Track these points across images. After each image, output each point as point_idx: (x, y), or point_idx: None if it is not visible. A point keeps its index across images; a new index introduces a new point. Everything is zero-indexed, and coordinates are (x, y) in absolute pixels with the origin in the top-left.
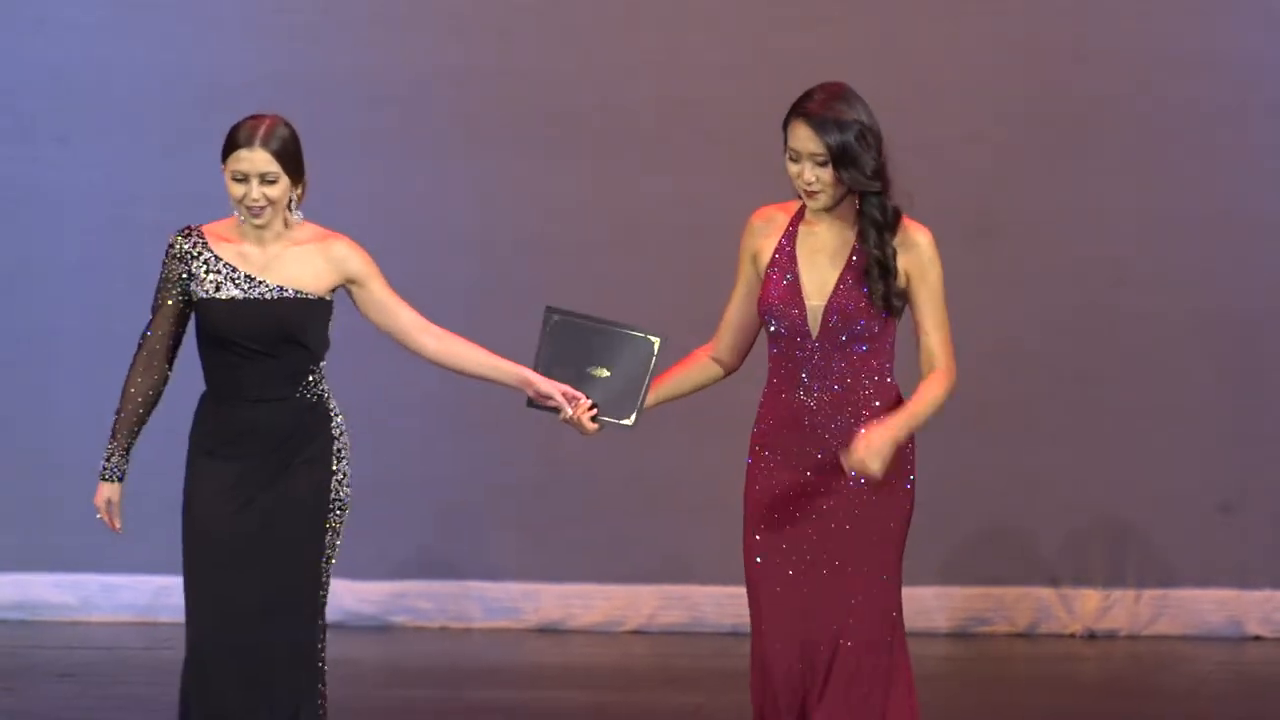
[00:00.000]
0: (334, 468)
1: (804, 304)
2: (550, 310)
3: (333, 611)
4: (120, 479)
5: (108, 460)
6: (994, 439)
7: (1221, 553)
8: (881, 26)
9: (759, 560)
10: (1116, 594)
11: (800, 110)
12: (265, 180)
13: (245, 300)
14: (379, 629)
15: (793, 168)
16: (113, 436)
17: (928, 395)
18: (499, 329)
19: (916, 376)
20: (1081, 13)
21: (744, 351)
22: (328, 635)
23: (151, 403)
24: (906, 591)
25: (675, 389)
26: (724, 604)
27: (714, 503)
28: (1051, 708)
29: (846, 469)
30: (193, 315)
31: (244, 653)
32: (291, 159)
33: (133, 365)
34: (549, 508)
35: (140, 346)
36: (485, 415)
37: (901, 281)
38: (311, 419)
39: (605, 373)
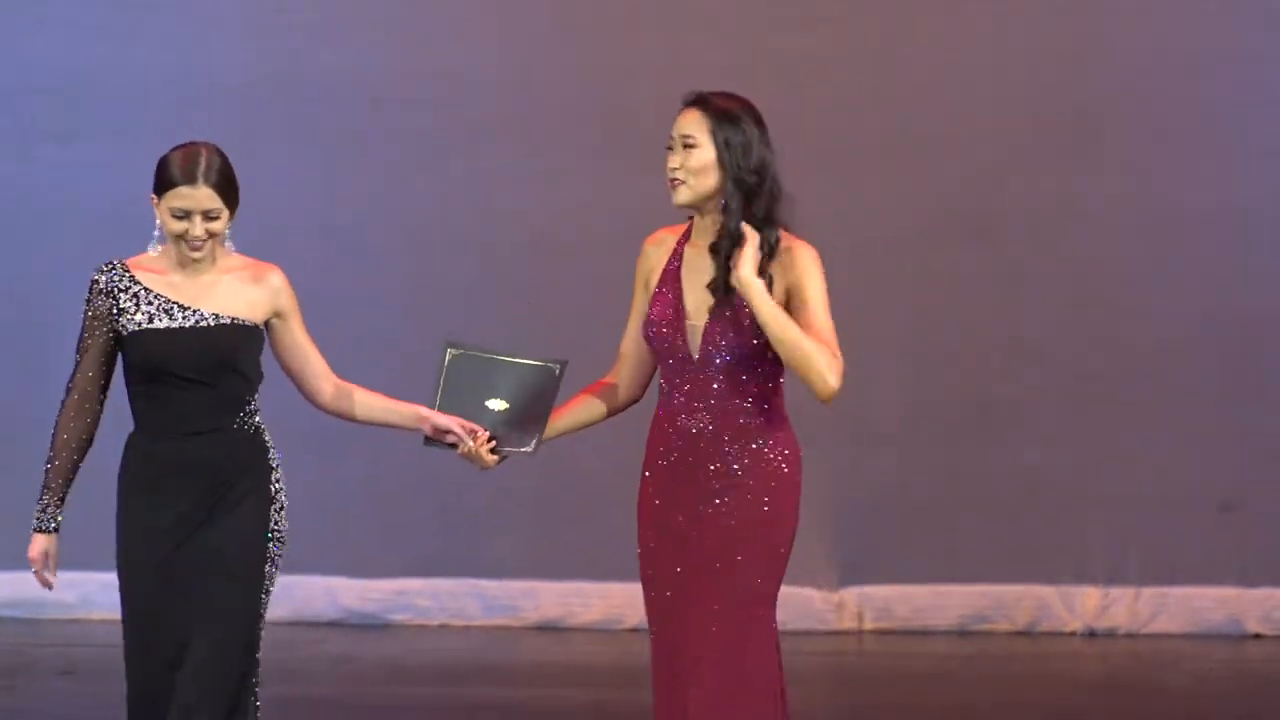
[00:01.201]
0: (273, 499)
1: (684, 324)
2: (448, 344)
3: (334, 609)
4: (58, 530)
5: (44, 511)
6: (993, 437)
7: (1222, 551)
8: (881, 26)
9: (650, 589)
10: (1116, 592)
11: (687, 97)
12: (208, 217)
13: (181, 330)
14: (380, 627)
15: (667, 159)
16: (46, 486)
17: (799, 330)
18: (498, 329)
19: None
20: (1081, 12)
21: (644, 383)
22: (336, 635)
23: (85, 447)
24: (908, 589)
25: (572, 422)
26: None
27: None
28: (1052, 706)
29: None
30: (118, 351)
31: (186, 690)
32: (232, 190)
33: (63, 411)
34: (549, 506)
35: (70, 390)
36: None
37: (780, 299)
38: (249, 451)
39: (504, 405)
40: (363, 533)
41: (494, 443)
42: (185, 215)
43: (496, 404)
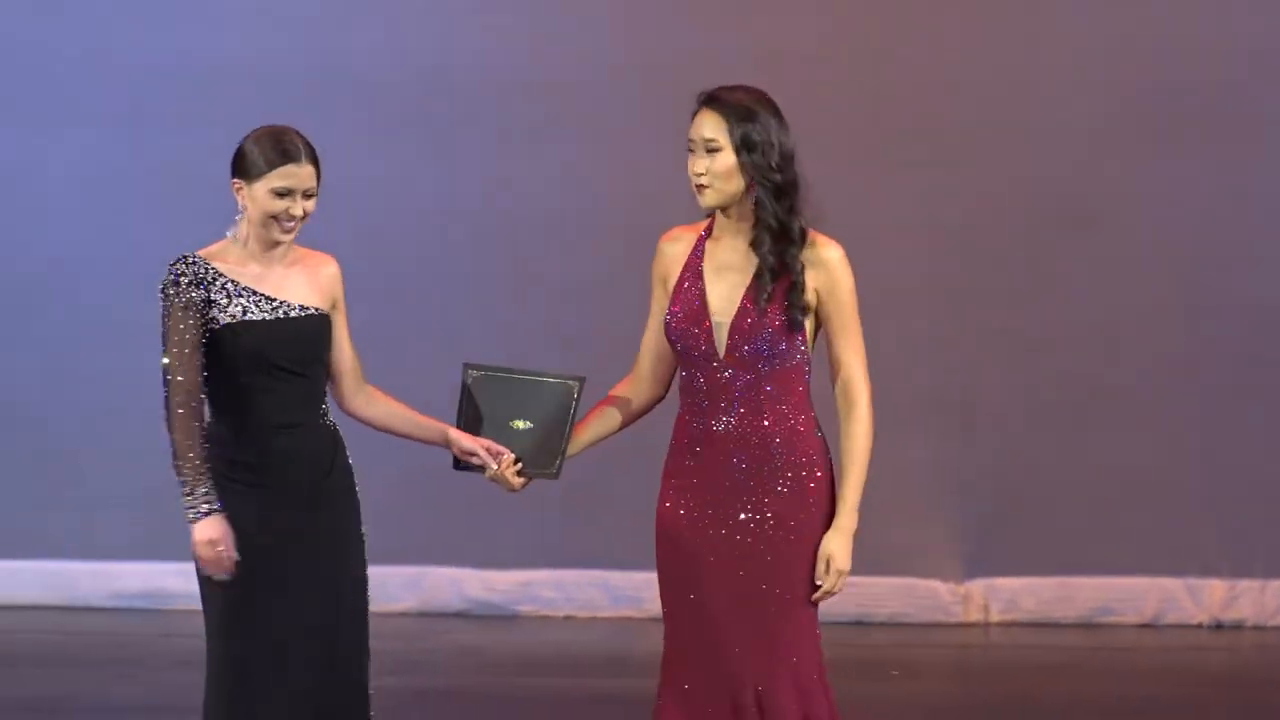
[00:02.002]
0: (357, 495)
1: (710, 321)
2: (468, 366)
3: (460, 600)
4: (222, 508)
5: (208, 493)
6: (1118, 429)
7: None
8: (980, 11)
9: (668, 599)
10: (1243, 584)
11: (701, 97)
12: (306, 195)
13: (276, 321)
14: (505, 618)
15: (689, 162)
16: (198, 473)
17: (858, 450)
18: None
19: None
20: (1183, 2)
21: (667, 380)
22: (462, 626)
23: (205, 439)
24: (1034, 581)
25: (599, 430)
26: (847, 594)
27: None
28: (1178, 698)
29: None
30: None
31: (296, 698)
32: (320, 171)
33: (178, 407)
34: None
35: (178, 385)
36: None
37: (811, 299)
38: (333, 447)
39: (527, 424)
40: (489, 524)
41: (520, 464)
42: (288, 194)
43: (520, 423)
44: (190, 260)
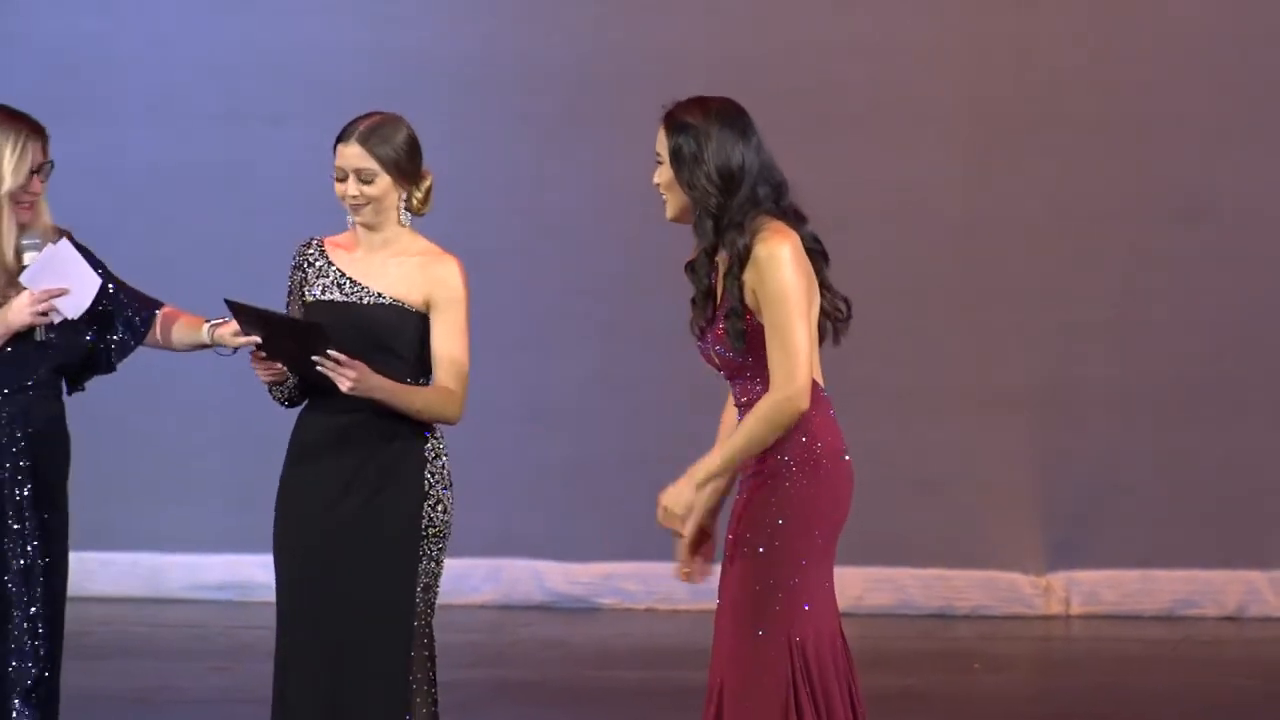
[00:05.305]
0: (426, 494)
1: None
2: (228, 302)
3: (542, 593)
4: None
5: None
6: (1202, 421)
7: None
8: (1090, 6)
9: None
10: None
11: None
12: (361, 178)
13: (342, 303)
14: (588, 610)
15: None
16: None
17: (741, 429)
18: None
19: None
20: None
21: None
22: (543, 619)
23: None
24: (1116, 574)
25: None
26: (931, 586)
27: (923, 485)
28: (1260, 691)
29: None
30: None
31: (344, 691)
32: (390, 154)
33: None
34: None
35: None
36: (693, 396)
37: (750, 300)
38: (402, 438)
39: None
40: (570, 516)
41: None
42: (342, 176)
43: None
44: (306, 243)
